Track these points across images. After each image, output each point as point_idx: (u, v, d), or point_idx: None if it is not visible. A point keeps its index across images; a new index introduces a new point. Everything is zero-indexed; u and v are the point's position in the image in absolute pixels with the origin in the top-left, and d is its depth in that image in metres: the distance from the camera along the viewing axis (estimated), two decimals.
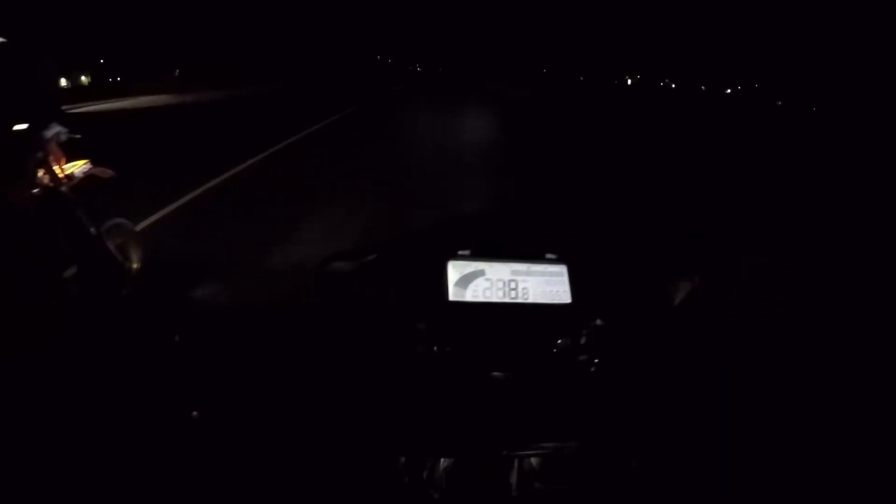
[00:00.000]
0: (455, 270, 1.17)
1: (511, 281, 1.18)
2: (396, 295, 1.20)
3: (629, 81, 63.68)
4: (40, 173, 2.88)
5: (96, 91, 23.07)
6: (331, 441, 1.02)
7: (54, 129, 2.96)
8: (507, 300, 1.17)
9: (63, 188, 3.01)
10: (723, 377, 1.14)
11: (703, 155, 11.62)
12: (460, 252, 1.18)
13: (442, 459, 1.11)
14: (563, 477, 1.06)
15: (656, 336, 1.21)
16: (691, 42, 50.56)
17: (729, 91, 46.49)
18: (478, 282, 1.17)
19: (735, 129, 17.09)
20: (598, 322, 1.17)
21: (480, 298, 1.16)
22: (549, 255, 1.21)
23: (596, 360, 1.14)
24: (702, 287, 1.28)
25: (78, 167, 3.18)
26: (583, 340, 1.16)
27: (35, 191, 2.82)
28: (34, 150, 2.82)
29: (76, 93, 22.37)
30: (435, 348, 1.13)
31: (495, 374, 1.10)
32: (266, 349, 1.15)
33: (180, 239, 4.94)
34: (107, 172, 3.38)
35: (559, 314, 1.18)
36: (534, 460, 1.10)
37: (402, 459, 1.06)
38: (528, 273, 1.19)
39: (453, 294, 1.15)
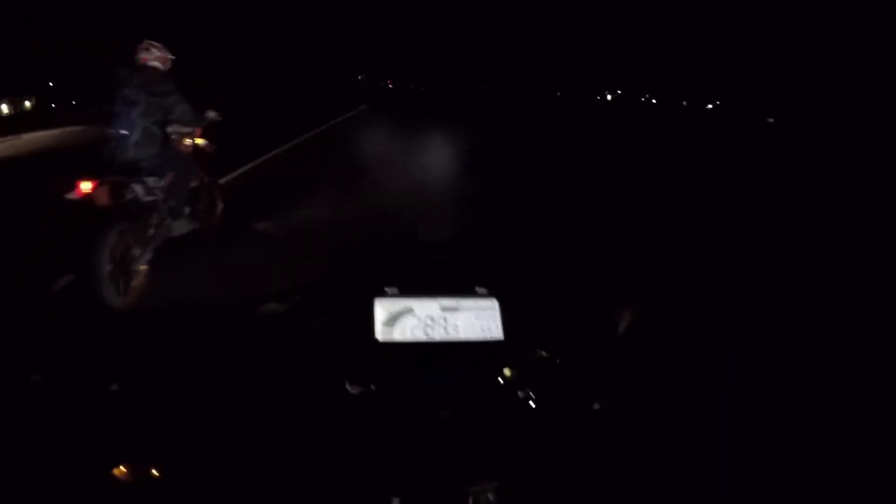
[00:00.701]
0: (382, 309, 1.15)
1: (441, 317, 1.16)
2: (326, 336, 1.18)
3: (609, 97, 62.17)
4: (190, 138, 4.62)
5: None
6: (271, 490, 0.99)
7: (212, 114, 4.75)
8: (436, 338, 1.15)
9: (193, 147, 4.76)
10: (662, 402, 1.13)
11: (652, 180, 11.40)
12: (387, 289, 1.17)
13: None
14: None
15: (597, 369, 1.19)
16: (675, 52, 50.79)
17: (711, 106, 46.27)
18: (406, 319, 1.15)
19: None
20: (537, 355, 1.15)
21: (409, 337, 1.14)
22: (479, 289, 1.20)
23: (530, 395, 1.11)
24: (643, 315, 1.28)
25: (201, 141, 4.86)
26: (516, 376, 1.14)
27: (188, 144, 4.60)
28: (199, 123, 4.65)
29: None
30: (372, 387, 1.11)
31: (434, 412, 1.08)
32: (197, 389, 1.13)
33: None
34: (211, 147, 4.94)
35: (491, 351, 1.16)
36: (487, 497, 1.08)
37: None
38: (457, 308, 1.17)
39: (381, 333, 1.13)
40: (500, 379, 1.12)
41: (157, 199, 4.23)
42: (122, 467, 0.94)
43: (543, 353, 1.15)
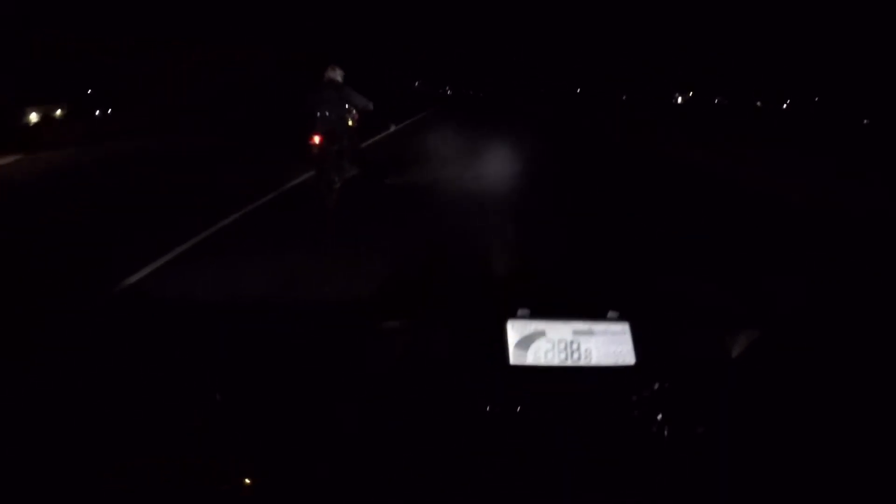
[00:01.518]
0: (514, 331, 1.15)
1: (573, 342, 1.16)
2: (452, 354, 1.19)
3: (679, 99, 58.67)
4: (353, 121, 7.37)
5: None
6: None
7: (370, 104, 7.28)
8: (569, 363, 1.15)
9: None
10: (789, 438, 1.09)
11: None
12: (520, 312, 1.17)
13: None
14: None
15: (719, 399, 1.16)
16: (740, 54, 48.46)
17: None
18: (539, 343, 1.15)
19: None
20: (663, 384, 1.14)
21: (542, 362, 1.14)
22: (611, 314, 1.18)
23: (663, 424, 1.10)
24: (761, 339, 1.24)
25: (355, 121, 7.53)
26: (647, 402, 1.13)
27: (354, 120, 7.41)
28: (360, 109, 7.33)
29: None
30: (496, 408, 1.11)
31: (557, 436, 1.07)
32: (308, 402, 1.14)
33: None
34: (356, 120, 7.54)
35: (623, 376, 1.15)
36: None
37: None
38: (590, 333, 1.17)
39: (514, 357, 1.14)
40: (628, 409, 1.12)
41: (344, 149, 7.37)
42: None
43: (667, 384, 1.15)
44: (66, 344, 1.30)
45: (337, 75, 7.16)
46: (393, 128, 16.99)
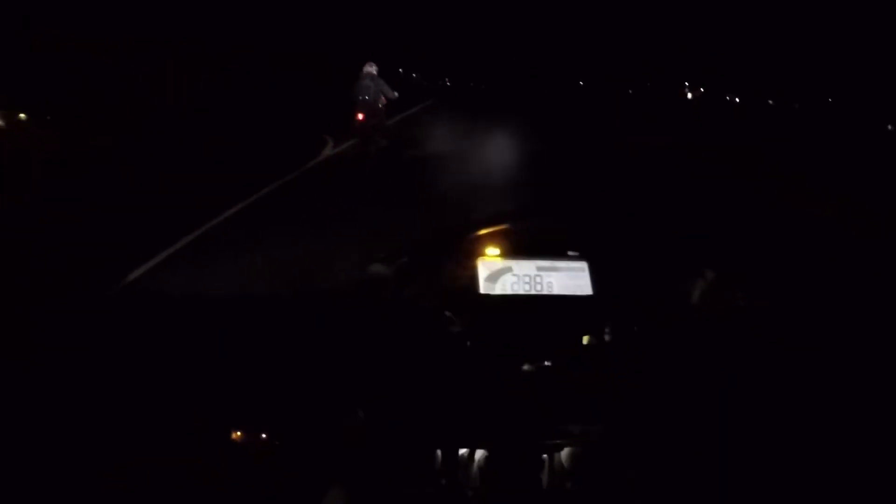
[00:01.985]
0: (484, 268, 1.31)
1: (536, 276, 1.31)
2: (432, 293, 1.33)
3: (689, 95, 56.44)
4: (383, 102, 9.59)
5: None
6: (369, 437, 1.13)
7: (394, 93, 9.66)
8: (532, 292, 1.29)
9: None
10: (737, 376, 1.20)
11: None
12: (489, 251, 1.31)
13: (477, 455, 1.22)
14: (592, 475, 1.15)
15: (674, 330, 1.30)
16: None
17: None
18: (506, 277, 1.30)
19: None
20: (618, 314, 1.28)
21: (508, 291, 1.29)
22: (570, 253, 1.33)
23: (617, 351, 1.24)
24: (719, 285, 1.37)
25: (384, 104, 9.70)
26: (605, 331, 1.27)
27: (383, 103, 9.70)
28: (387, 95, 9.52)
29: None
30: (468, 343, 1.25)
31: (525, 366, 1.21)
32: (307, 345, 1.26)
33: None
34: (384, 104, 9.65)
35: (582, 305, 1.29)
36: (564, 457, 1.19)
37: (439, 454, 1.17)
38: (552, 269, 1.32)
39: (483, 288, 1.29)
40: (584, 333, 1.25)
41: (377, 124, 9.59)
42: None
43: (620, 316, 1.28)
44: (66, 343, 1.33)
45: (373, 69, 9.49)
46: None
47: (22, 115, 15.22)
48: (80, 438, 1.06)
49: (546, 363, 1.22)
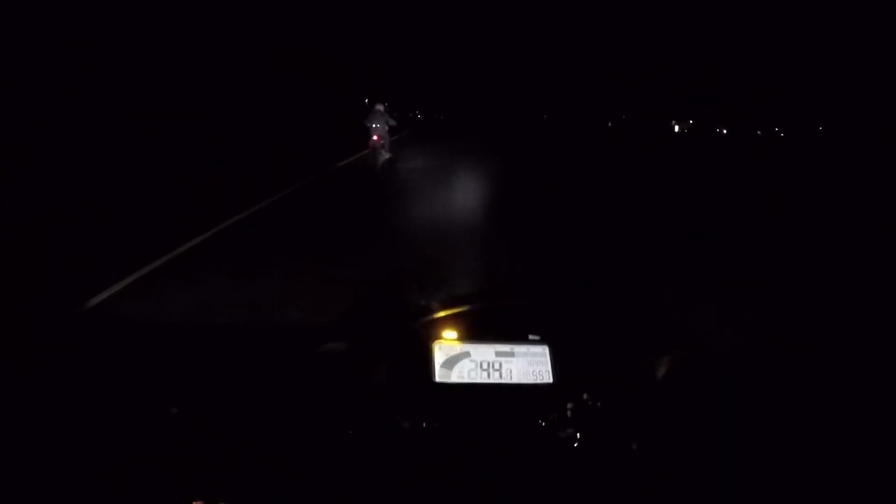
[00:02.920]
0: (441, 352, 1.26)
1: (495, 362, 1.26)
2: (385, 375, 1.27)
3: (676, 129, 53.92)
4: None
5: None
6: None
7: (395, 123, 15.73)
8: (491, 381, 1.25)
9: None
10: (712, 450, 1.17)
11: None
12: (445, 335, 1.27)
13: None
14: None
15: (638, 411, 1.26)
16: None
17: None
18: (463, 363, 1.26)
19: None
20: (581, 399, 1.23)
21: (465, 379, 1.25)
22: (531, 337, 1.29)
23: (578, 436, 1.19)
24: (685, 360, 1.34)
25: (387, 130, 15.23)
26: (564, 418, 1.22)
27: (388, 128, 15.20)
28: (389, 124, 15.08)
29: None
30: (423, 425, 1.19)
31: (481, 451, 1.16)
32: (251, 415, 1.20)
33: None
34: (388, 130, 15.12)
35: (541, 394, 1.25)
36: None
37: None
38: (511, 354, 1.27)
39: (439, 375, 1.24)
40: (541, 422, 1.20)
41: (385, 143, 14.75)
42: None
43: (585, 397, 1.23)
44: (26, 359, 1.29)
45: (381, 107, 14.61)
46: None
47: None
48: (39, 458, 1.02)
49: (503, 453, 1.16)
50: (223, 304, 4.91)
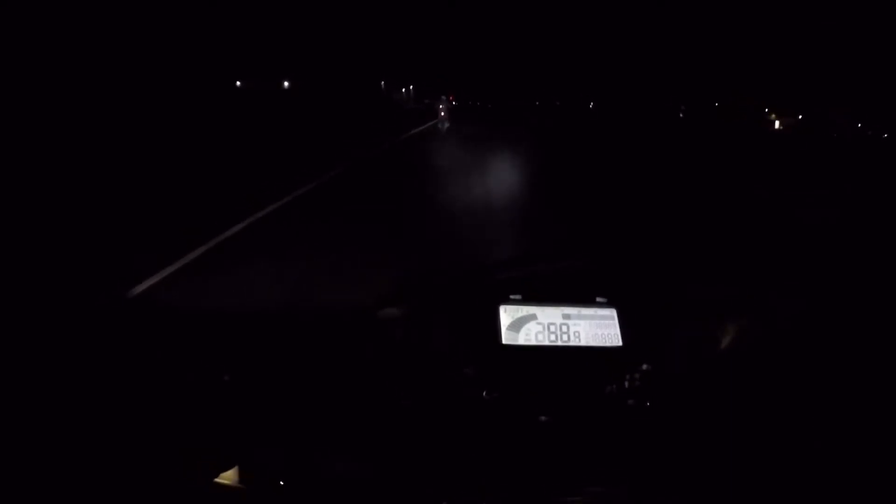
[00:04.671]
0: (507, 315, 1.25)
1: (563, 325, 1.25)
2: (447, 339, 1.27)
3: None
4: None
5: None
6: (374, 488, 1.06)
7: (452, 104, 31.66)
8: (559, 343, 1.24)
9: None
10: (770, 423, 1.15)
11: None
12: (512, 296, 1.25)
13: None
14: None
15: (705, 381, 1.23)
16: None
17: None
18: (530, 325, 1.24)
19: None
20: (648, 366, 1.21)
21: (533, 342, 1.24)
22: (599, 299, 1.27)
23: (646, 405, 1.17)
24: (750, 330, 1.30)
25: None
26: (633, 384, 1.20)
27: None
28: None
29: None
30: (484, 393, 1.18)
31: (544, 418, 1.15)
32: (312, 392, 1.20)
33: None
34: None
35: (610, 357, 1.24)
36: None
37: None
38: (578, 317, 1.26)
39: (506, 338, 1.23)
40: (611, 385, 1.19)
41: (446, 117, 30.82)
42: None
43: (648, 366, 1.21)
44: (67, 348, 1.32)
45: (444, 97, 27.38)
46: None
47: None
48: (77, 444, 1.02)
49: (570, 419, 1.16)
50: (270, 288, 5.00)
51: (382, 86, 62.34)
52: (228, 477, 1.05)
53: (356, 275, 5.27)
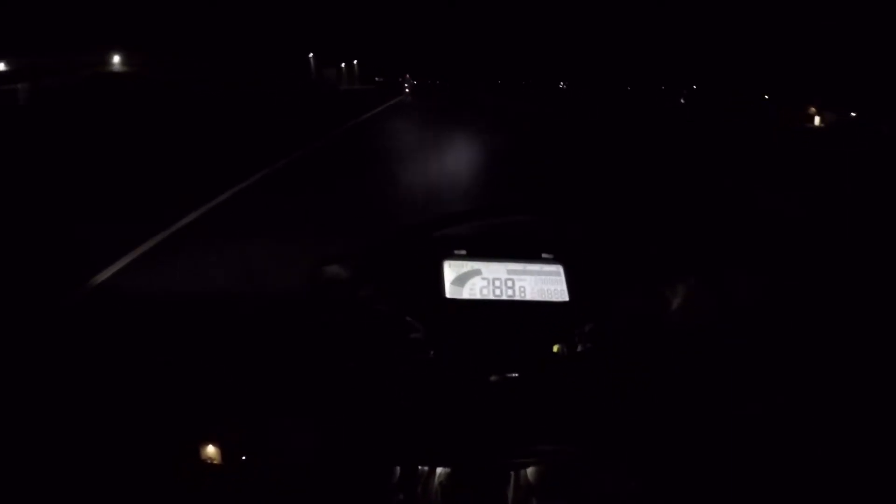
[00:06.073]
0: (451, 270, 1.24)
1: (508, 279, 1.25)
2: (392, 296, 1.25)
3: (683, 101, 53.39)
4: None
5: None
6: (324, 451, 1.06)
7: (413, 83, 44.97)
8: (503, 297, 1.24)
9: None
10: (716, 381, 1.17)
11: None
12: (456, 251, 1.25)
13: (438, 470, 1.15)
14: (559, 493, 1.09)
15: (652, 339, 1.25)
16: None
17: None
18: (474, 280, 1.24)
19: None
20: (594, 323, 1.22)
21: (477, 296, 1.24)
22: (545, 255, 1.27)
23: (593, 362, 1.18)
24: (699, 292, 1.32)
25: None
26: (580, 340, 1.21)
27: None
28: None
29: None
30: (431, 352, 1.18)
31: (492, 377, 1.15)
32: (256, 353, 1.19)
33: None
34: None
35: (556, 312, 1.24)
36: (531, 473, 1.13)
37: (398, 470, 1.10)
38: (524, 272, 1.26)
39: (450, 292, 1.23)
40: (557, 340, 1.20)
41: (410, 92, 49.42)
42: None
43: (594, 323, 1.22)
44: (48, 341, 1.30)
45: (408, 75, 44.97)
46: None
47: None
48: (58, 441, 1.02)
49: (516, 374, 1.16)
50: (220, 270, 4.97)
51: (311, 61, 50.99)
52: (209, 454, 1.06)
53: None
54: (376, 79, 66.21)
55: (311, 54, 49.63)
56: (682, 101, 49.29)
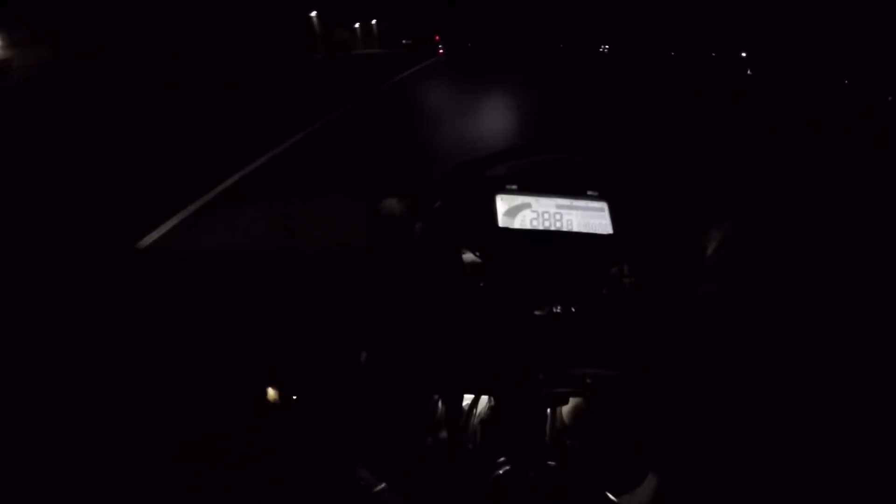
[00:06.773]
0: (503, 203, 1.34)
1: (556, 213, 1.35)
2: (447, 228, 1.36)
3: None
4: None
5: None
6: (372, 380, 1.16)
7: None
8: (552, 228, 1.33)
9: None
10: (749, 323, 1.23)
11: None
12: (507, 186, 1.34)
13: (480, 402, 1.24)
14: (594, 436, 1.17)
15: (687, 280, 1.33)
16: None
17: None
18: (525, 213, 1.34)
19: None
20: (639, 258, 1.31)
21: (528, 226, 1.33)
22: (590, 192, 1.35)
23: (634, 295, 1.28)
24: (734, 237, 1.39)
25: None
26: (622, 274, 1.30)
27: None
28: None
29: None
30: (481, 283, 1.28)
31: (539, 308, 1.24)
32: (319, 290, 1.28)
33: None
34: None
35: (601, 244, 1.33)
36: (567, 412, 1.22)
37: (440, 402, 1.18)
38: (571, 207, 1.35)
39: (503, 222, 1.33)
40: (603, 268, 1.29)
41: (444, 54, 43.74)
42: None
43: (638, 254, 1.30)
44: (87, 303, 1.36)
45: (439, 38, 35.04)
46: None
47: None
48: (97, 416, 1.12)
49: (562, 305, 1.26)
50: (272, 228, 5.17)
51: (314, 20, 40.54)
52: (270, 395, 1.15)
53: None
54: (403, 41, 62.92)
55: (313, 13, 40.64)
56: (748, 71, 45.47)
